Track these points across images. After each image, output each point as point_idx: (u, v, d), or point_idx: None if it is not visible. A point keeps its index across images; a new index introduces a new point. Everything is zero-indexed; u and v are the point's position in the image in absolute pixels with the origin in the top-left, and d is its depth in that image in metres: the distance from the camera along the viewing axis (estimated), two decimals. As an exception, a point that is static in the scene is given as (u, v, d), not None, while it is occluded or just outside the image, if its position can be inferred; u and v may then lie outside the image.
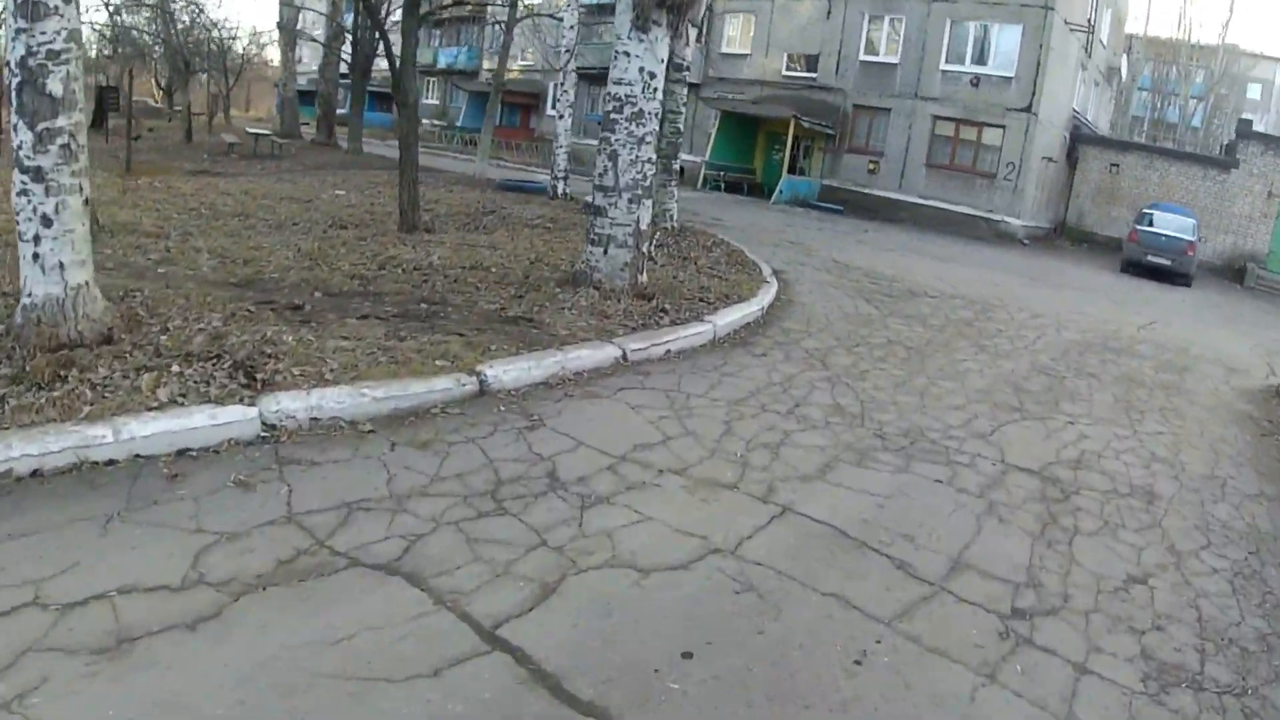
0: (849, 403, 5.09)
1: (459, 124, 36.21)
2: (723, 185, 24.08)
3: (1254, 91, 47.90)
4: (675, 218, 11.48)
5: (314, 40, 28.28)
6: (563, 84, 15.05)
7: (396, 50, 10.22)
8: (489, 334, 5.06)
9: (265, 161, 18.95)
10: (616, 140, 6.44)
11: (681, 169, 27.68)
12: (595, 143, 9.40)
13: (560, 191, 14.87)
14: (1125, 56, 31.28)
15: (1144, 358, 8.14)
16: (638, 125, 6.41)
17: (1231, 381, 7.80)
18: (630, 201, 6.50)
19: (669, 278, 7.65)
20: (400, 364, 4.24)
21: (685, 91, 11.47)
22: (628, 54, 6.30)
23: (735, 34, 26.01)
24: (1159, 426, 5.75)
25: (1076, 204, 24.04)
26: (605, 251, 6.56)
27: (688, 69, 11.39)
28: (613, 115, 6.46)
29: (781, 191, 22.31)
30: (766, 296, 7.60)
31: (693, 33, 10.86)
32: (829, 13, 23.28)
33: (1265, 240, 20.99)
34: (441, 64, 38.91)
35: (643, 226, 6.61)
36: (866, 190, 22.91)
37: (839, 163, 23.75)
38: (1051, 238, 23.04)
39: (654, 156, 6.64)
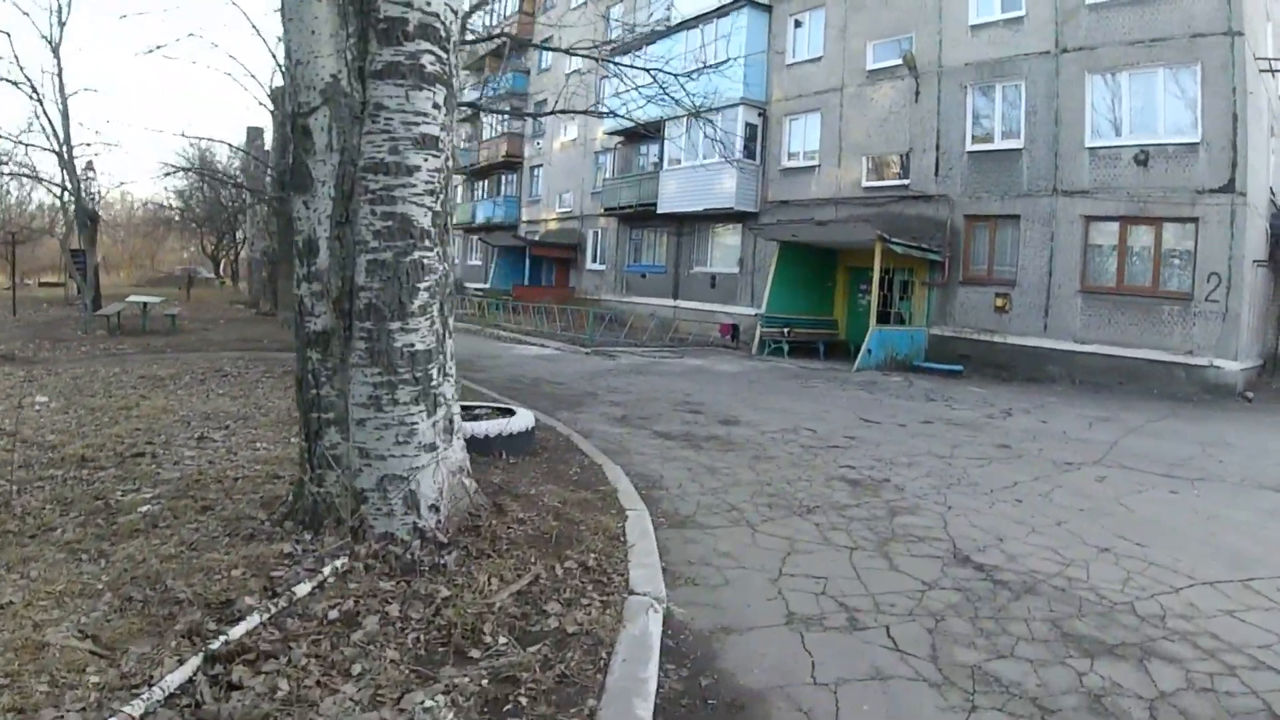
0: None
1: (487, 285, 31.77)
2: (786, 348, 17.50)
3: None
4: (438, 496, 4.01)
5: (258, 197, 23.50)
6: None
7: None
8: None
9: (139, 340, 14.43)
10: None
11: (736, 327, 19.49)
12: (637, 300, 4.39)
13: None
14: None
15: None
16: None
17: None
18: None
19: None
20: None
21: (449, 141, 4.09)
22: None
23: (798, 142, 20.50)
24: None
25: (1294, 323, 16.72)
26: None
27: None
28: None
29: (869, 352, 15.62)
30: None
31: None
32: (917, 94, 17.60)
33: None
34: (480, 219, 35.18)
35: None
36: (995, 338, 16.04)
37: (952, 301, 16.89)
38: (1265, 380, 15.63)
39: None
